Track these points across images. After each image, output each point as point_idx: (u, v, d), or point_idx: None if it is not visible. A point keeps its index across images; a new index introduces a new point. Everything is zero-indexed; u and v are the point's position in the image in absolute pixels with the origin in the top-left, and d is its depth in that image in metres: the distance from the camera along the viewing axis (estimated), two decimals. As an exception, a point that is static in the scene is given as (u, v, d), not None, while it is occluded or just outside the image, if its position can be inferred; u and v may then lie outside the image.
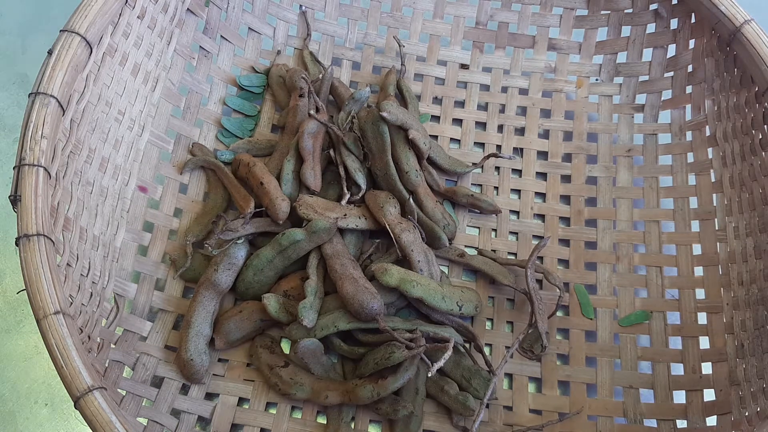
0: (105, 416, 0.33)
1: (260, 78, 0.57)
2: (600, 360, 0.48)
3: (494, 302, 0.50)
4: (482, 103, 0.58)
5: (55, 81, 0.39)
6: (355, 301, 0.43)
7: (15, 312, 0.50)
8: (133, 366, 0.44)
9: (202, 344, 0.45)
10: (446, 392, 0.44)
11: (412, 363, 0.42)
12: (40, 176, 0.37)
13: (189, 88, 0.54)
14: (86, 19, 0.41)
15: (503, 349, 0.48)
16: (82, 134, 0.42)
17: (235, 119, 0.55)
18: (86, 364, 0.34)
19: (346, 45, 0.60)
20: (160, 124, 0.51)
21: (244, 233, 0.47)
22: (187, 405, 0.44)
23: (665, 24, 0.55)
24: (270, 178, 0.49)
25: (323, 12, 0.60)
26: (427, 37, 0.60)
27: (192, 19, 0.54)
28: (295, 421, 0.45)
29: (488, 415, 0.45)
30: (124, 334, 0.45)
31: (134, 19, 0.47)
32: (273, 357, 0.45)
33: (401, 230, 0.47)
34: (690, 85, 0.54)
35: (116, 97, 0.46)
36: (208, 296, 0.46)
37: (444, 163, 0.53)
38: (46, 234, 0.36)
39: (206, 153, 0.52)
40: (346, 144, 0.50)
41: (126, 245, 0.47)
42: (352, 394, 0.43)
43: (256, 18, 0.58)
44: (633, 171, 0.55)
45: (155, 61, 0.51)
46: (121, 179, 0.47)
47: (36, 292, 0.35)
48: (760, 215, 0.45)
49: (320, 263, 0.47)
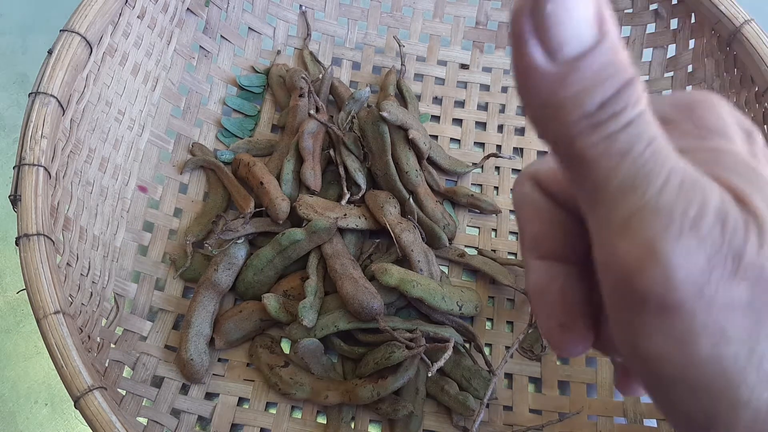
0: (105, 416, 0.33)
1: (260, 78, 0.57)
2: (600, 360, 0.48)
3: (494, 302, 0.50)
4: (482, 103, 0.58)
5: (55, 81, 0.39)
6: (355, 301, 0.43)
7: (15, 312, 0.50)
8: (133, 366, 0.44)
9: (202, 344, 0.45)
10: (446, 392, 0.44)
11: (412, 363, 0.42)
12: (40, 176, 0.37)
13: (189, 88, 0.54)
14: (86, 18, 0.41)
15: (503, 349, 0.48)
16: (82, 134, 0.42)
17: (235, 119, 0.55)
18: (86, 364, 0.34)
19: (346, 45, 0.60)
20: (160, 124, 0.51)
21: (244, 233, 0.47)
22: (187, 405, 0.44)
23: (665, 24, 0.55)
24: (270, 178, 0.49)
25: (323, 12, 0.60)
26: (427, 37, 0.60)
27: (192, 19, 0.54)
28: (295, 421, 0.45)
29: (488, 415, 0.45)
30: (124, 333, 0.45)
31: (134, 19, 0.47)
32: (273, 357, 0.45)
33: (401, 230, 0.47)
34: (690, 85, 0.54)
35: (116, 97, 0.46)
36: (208, 296, 0.46)
37: (444, 163, 0.53)
38: (46, 234, 0.36)
39: (206, 153, 0.52)
40: (346, 144, 0.50)
41: (126, 245, 0.47)
42: (352, 394, 0.43)
43: (256, 18, 0.58)
44: (633, 171, 0.55)
45: (155, 60, 0.51)
46: (121, 179, 0.47)
47: (36, 292, 0.35)
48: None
49: (320, 263, 0.47)
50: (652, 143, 0.15)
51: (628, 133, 0.15)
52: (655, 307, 0.15)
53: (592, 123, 0.15)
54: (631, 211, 0.15)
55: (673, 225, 0.15)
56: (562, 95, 0.15)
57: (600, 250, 0.16)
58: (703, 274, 0.15)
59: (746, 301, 0.15)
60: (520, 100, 0.16)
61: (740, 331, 0.15)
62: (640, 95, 0.15)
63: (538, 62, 0.15)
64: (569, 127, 0.15)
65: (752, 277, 0.15)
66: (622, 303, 0.16)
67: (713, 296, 0.15)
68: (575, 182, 0.17)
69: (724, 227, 0.15)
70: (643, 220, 0.15)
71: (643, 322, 0.16)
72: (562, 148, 0.16)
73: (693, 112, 0.18)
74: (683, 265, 0.15)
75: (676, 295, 0.15)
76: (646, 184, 0.15)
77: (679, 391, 0.16)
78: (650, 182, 0.15)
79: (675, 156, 0.16)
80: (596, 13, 0.15)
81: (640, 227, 0.15)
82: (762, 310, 0.15)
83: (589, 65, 0.15)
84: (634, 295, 0.15)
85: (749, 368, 0.15)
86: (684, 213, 0.15)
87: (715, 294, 0.15)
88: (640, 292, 0.15)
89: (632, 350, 0.16)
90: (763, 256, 0.15)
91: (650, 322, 0.16)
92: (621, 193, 0.15)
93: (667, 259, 0.15)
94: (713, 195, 0.15)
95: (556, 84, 0.15)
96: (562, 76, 0.15)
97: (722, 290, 0.15)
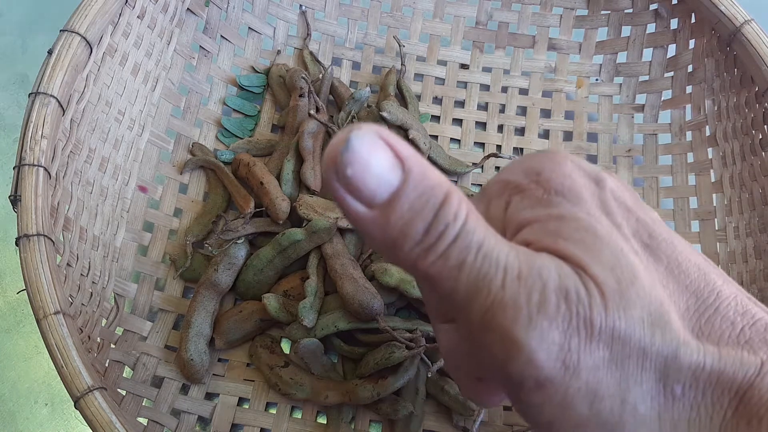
0: (105, 416, 0.33)
1: (260, 78, 0.57)
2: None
3: (494, 302, 0.50)
4: (482, 103, 0.58)
5: (55, 81, 0.39)
6: (355, 301, 0.43)
7: (15, 312, 0.50)
8: (133, 366, 0.44)
9: (202, 344, 0.45)
10: (446, 392, 0.44)
11: (412, 363, 0.42)
12: (40, 176, 0.37)
13: (189, 88, 0.54)
14: (86, 18, 0.41)
15: (503, 349, 0.48)
16: (82, 134, 0.42)
17: (235, 119, 0.55)
18: (86, 364, 0.34)
19: (346, 45, 0.60)
20: (160, 124, 0.51)
21: (244, 233, 0.47)
22: (187, 405, 0.44)
23: (665, 24, 0.55)
24: (270, 178, 0.49)
25: (323, 12, 0.60)
26: (427, 37, 0.60)
27: (192, 19, 0.54)
28: (295, 421, 0.45)
29: (488, 415, 0.45)
30: (124, 334, 0.45)
31: (134, 19, 0.47)
32: (273, 357, 0.45)
33: (401, 230, 0.47)
34: (690, 85, 0.54)
35: (116, 97, 0.46)
36: (208, 296, 0.46)
37: (444, 163, 0.53)
38: (46, 234, 0.36)
39: (206, 153, 0.52)
40: (346, 144, 0.50)
41: (126, 245, 0.47)
42: (352, 394, 0.43)
43: (256, 18, 0.58)
44: (633, 171, 0.55)
45: (155, 60, 0.51)
46: (121, 179, 0.47)
47: (36, 292, 0.35)
48: (760, 215, 0.45)
49: (320, 263, 0.47)
50: (481, 248, 0.17)
51: (457, 247, 0.17)
52: (532, 386, 0.17)
53: (423, 248, 0.17)
54: (483, 312, 0.17)
55: (521, 314, 0.16)
56: (391, 232, 0.17)
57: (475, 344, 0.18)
58: (562, 348, 0.17)
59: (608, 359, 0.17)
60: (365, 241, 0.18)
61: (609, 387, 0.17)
62: (458, 208, 0.17)
63: (360, 212, 0.17)
64: (406, 255, 0.17)
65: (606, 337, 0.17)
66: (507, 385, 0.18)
67: (577, 364, 0.17)
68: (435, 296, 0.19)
69: (567, 301, 0.17)
70: (495, 315, 0.17)
71: (527, 397, 0.18)
72: (412, 271, 0.18)
73: (540, 176, 0.20)
74: (541, 347, 0.16)
75: (543, 372, 0.17)
76: (488, 286, 0.17)
77: None
78: (490, 283, 0.17)
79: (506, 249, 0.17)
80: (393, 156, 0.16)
81: (495, 322, 0.17)
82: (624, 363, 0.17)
83: (404, 201, 0.16)
84: (513, 379, 0.17)
85: (625, 416, 0.17)
86: (528, 300, 0.17)
87: (578, 361, 0.17)
88: (515, 377, 0.17)
89: (528, 419, 0.18)
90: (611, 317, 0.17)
91: (533, 397, 0.17)
92: (469, 298, 0.17)
93: (525, 345, 0.16)
94: (551, 275, 0.17)
95: (382, 225, 0.17)
96: (385, 218, 0.17)
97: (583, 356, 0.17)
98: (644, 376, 0.17)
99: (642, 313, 0.17)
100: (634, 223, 0.19)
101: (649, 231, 0.19)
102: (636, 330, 0.17)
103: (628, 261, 0.17)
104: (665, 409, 0.17)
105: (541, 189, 0.19)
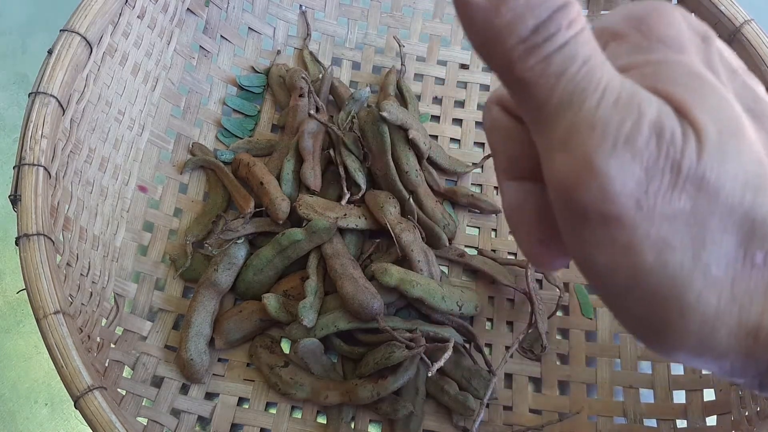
0: (105, 416, 0.33)
1: (260, 78, 0.57)
2: (600, 360, 0.48)
3: (494, 302, 0.50)
4: (482, 103, 0.58)
5: (55, 81, 0.39)
6: (355, 301, 0.43)
7: (15, 312, 0.50)
8: (133, 366, 0.44)
9: (202, 344, 0.45)
10: (446, 392, 0.44)
11: (412, 363, 0.42)
12: (40, 176, 0.37)
13: (189, 88, 0.54)
14: (86, 18, 0.41)
15: (503, 349, 0.48)
16: (82, 134, 0.42)
17: (235, 119, 0.55)
18: (86, 364, 0.34)
19: (346, 45, 0.60)
20: (160, 123, 0.51)
21: (244, 233, 0.47)
22: (187, 405, 0.44)
23: (665, 24, 0.55)
24: (270, 178, 0.49)
25: (323, 12, 0.60)
26: (427, 37, 0.60)
27: (192, 18, 0.54)
28: (295, 421, 0.45)
29: (488, 415, 0.45)
30: (124, 333, 0.45)
31: (134, 19, 0.47)
32: (273, 357, 0.45)
33: (401, 230, 0.47)
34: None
35: (116, 97, 0.46)
36: (208, 296, 0.46)
37: (444, 163, 0.53)
38: (46, 234, 0.36)
39: (206, 153, 0.52)
40: (346, 144, 0.50)
41: (126, 245, 0.47)
42: (352, 394, 0.43)
43: (256, 18, 0.58)
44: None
45: (155, 60, 0.51)
46: (121, 179, 0.47)
47: (36, 292, 0.35)
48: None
49: (320, 263, 0.47)
50: (587, 63, 0.16)
51: (562, 54, 0.16)
52: (597, 219, 0.16)
53: (527, 47, 0.16)
54: (568, 128, 0.16)
55: (607, 139, 0.15)
56: (497, 23, 0.16)
57: (545, 168, 0.17)
58: (640, 186, 0.15)
59: (689, 211, 0.16)
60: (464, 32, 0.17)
61: (683, 239, 0.16)
62: (574, 18, 0.16)
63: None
64: (507, 53, 0.16)
65: (692, 187, 0.15)
66: (568, 217, 0.17)
67: (652, 208, 0.15)
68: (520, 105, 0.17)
69: (660, 140, 0.15)
70: (579, 135, 0.16)
71: (588, 234, 0.16)
72: (505, 73, 0.16)
73: (643, 24, 0.18)
74: (618, 178, 0.15)
75: (613, 207, 0.15)
76: (582, 102, 0.16)
77: (630, 299, 0.17)
78: (585, 99, 0.16)
79: (612, 73, 0.16)
80: None
81: (576, 142, 0.16)
82: (705, 219, 0.16)
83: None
84: (576, 209, 0.16)
85: (695, 274, 0.16)
86: (618, 128, 0.15)
87: (654, 205, 0.15)
88: (580, 205, 0.16)
89: (584, 262, 0.17)
90: (703, 166, 0.15)
91: (595, 234, 0.16)
92: (559, 111, 0.16)
93: (601, 172, 0.15)
94: (650, 109, 0.16)
95: (490, 13, 0.16)
96: (495, 5, 0.15)
97: (661, 201, 0.15)
98: (725, 237, 0.16)
99: (738, 169, 0.15)
100: (740, 86, 0.18)
101: (754, 96, 0.18)
102: (727, 186, 0.15)
103: (734, 113, 0.16)
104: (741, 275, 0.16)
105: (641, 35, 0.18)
